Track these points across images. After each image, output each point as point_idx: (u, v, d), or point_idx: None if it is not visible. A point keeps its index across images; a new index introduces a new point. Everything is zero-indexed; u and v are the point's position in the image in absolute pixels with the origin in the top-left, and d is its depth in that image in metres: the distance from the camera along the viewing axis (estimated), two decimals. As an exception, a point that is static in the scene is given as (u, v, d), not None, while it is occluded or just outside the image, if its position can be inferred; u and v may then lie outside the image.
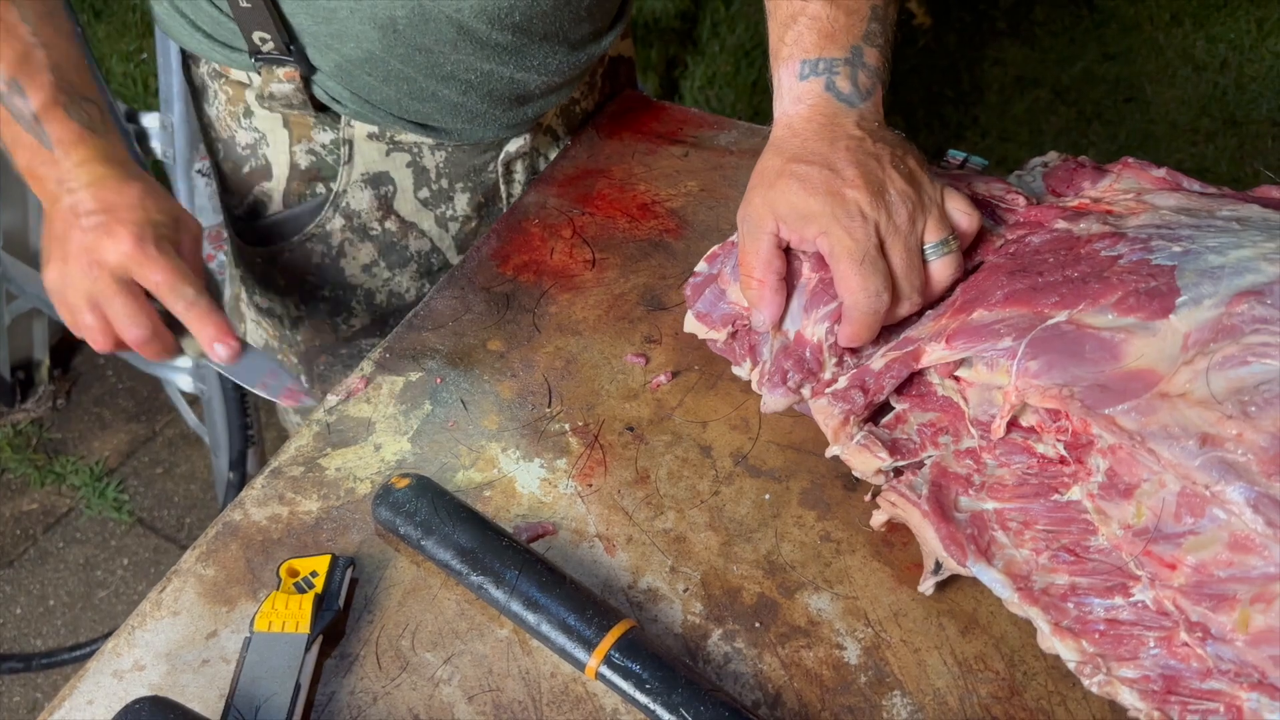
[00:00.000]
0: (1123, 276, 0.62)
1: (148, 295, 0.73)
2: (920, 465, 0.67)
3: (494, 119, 0.93)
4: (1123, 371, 0.59)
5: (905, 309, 0.69)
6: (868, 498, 0.70)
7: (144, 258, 0.71)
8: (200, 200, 1.47)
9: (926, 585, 0.65)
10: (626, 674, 0.60)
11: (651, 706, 0.59)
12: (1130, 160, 0.74)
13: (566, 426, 0.75)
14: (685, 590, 0.67)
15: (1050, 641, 0.58)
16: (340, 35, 0.83)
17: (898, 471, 0.67)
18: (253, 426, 1.63)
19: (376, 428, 0.75)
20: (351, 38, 0.83)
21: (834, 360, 0.70)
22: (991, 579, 0.61)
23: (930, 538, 0.63)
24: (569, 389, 0.78)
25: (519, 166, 0.99)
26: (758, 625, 0.65)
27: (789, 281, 0.72)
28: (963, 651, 0.63)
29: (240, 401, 1.59)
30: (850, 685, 0.62)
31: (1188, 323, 0.59)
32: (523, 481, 0.72)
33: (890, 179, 0.68)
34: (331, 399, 0.77)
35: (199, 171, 1.46)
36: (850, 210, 0.67)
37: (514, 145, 0.97)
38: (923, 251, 0.69)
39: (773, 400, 0.71)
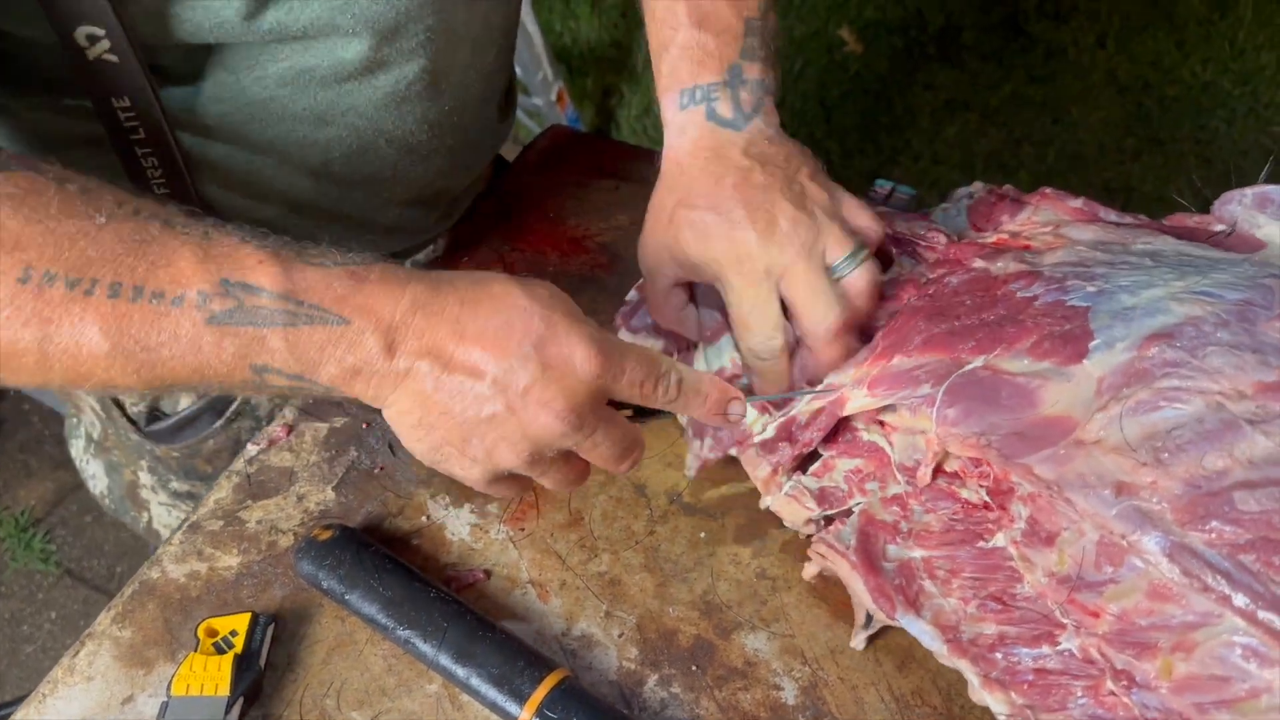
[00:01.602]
0: (1038, 319, 0.62)
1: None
2: (849, 513, 0.66)
3: (416, 233, 0.90)
4: (1039, 418, 0.59)
5: (824, 332, 0.66)
6: (802, 535, 0.70)
7: (610, 378, 0.55)
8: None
9: (858, 640, 0.64)
10: (560, 726, 0.58)
11: (586, 759, 0.57)
12: (1048, 191, 0.74)
13: (497, 469, 0.74)
14: (620, 635, 0.65)
15: (980, 694, 0.58)
16: (261, 197, 0.77)
17: (828, 520, 0.67)
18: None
19: (299, 477, 0.73)
20: (274, 197, 0.77)
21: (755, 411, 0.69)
22: (920, 630, 0.60)
23: (859, 590, 0.62)
24: (499, 430, 0.76)
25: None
26: (694, 668, 0.64)
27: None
28: (900, 687, 0.63)
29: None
30: (789, 727, 0.61)
31: (1101, 367, 0.59)
32: (452, 528, 0.70)
33: (780, 211, 0.65)
34: (251, 448, 0.75)
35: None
36: (741, 254, 0.65)
37: (422, 254, 0.94)
38: (830, 272, 0.66)
39: (697, 452, 0.70)
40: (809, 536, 0.68)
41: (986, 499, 0.62)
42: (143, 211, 0.52)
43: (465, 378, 0.53)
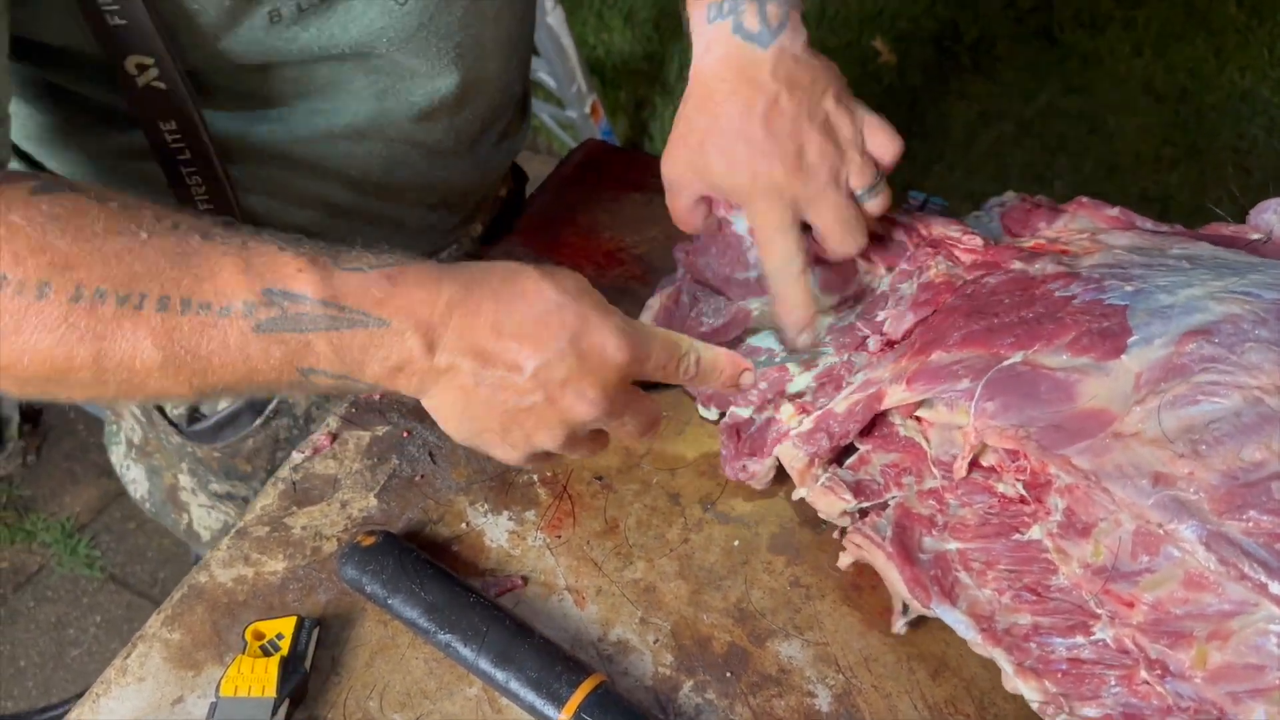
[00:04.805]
0: (1076, 317, 0.63)
1: None
2: (884, 506, 0.67)
3: (444, 232, 0.92)
4: (1077, 412, 0.59)
5: (852, 254, 0.72)
6: (835, 535, 0.70)
7: (639, 364, 0.57)
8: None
9: (898, 626, 0.65)
10: (597, 730, 0.59)
11: (623, 763, 0.58)
12: (1085, 200, 0.75)
13: (534, 478, 0.75)
14: (656, 641, 0.66)
15: (1014, 682, 0.58)
16: (301, 203, 0.79)
17: (863, 513, 0.68)
18: (226, 479, 1.62)
19: (343, 484, 0.75)
20: (312, 204, 0.79)
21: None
22: (955, 620, 0.61)
23: (895, 579, 0.63)
24: (537, 439, 0.78)
25: None
26: (729, 675, 0.64)
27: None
28: (933, 696, 0.63)
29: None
30: (822, 734, 0.62)
31: (1139, 362, 0.59)
32: (491, 535, 0.72)
33: (808, 140, 0.68)
34: (297, 456, 0.76)
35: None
36: (768, 185, 0.69)
37: (445, 253, 0.96)
38: (855, 198, 0.70)
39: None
40: (842, 536, 0.69)
41: (1023, 492, 0.63)
42: (181, 225, 0.54)
43: (505, 372, 0.55)
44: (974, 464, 0.65)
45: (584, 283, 0.58)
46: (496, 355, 0.55)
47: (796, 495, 0.70)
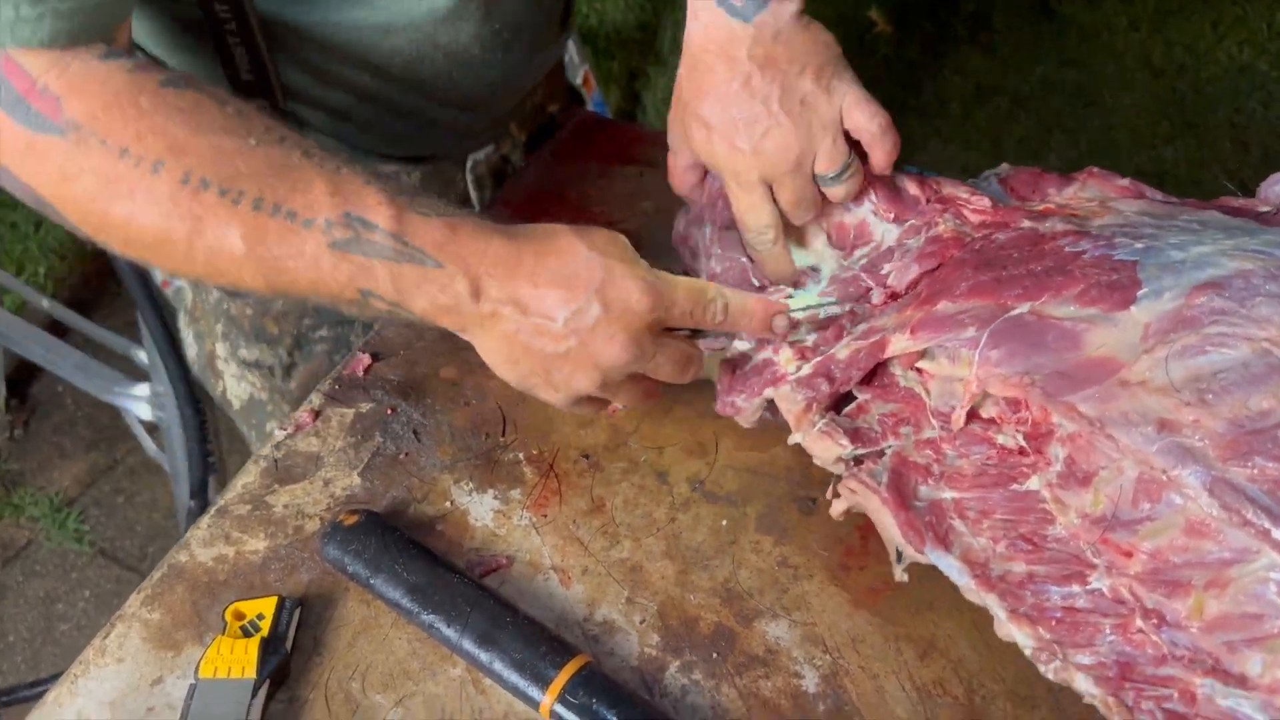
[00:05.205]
0: (1085, 270, 0.63)
1: None
2: (880, 454, 0.67)
3: (475, 133, 0.95)
4: (1084, 360, 0.59)
5: (803, 226, 0.75)
6: (830, 495, 0.69)
7: (663, 310, 0.62)
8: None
9: (898, 573, 0.64)
10: (582, 711, 0.59)
11: (608, 745, 0.58)
12: (1095, 170, 0.74)
13: (521, 455, 0.74)
14: (642, 621, 0.65)
15: (1007, 628, 0.58)
16: (333, 85, 0.83)
17: (858, 461, 0.67)
18: (214, 454, 1.61)
19: (325, 462, 0.74)
20: (344, 87, 0.83)
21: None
22: (948, 565, 0.60)
23: (889, 524, 0.62)
24: (523, 417, 0.77)
25: (485, 172, 1.01)
26: (715, 655, 0.64)
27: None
28: (921, 677, 0.63)
29: (200, 428, 1.56)
30: (809, 716, 0.61)
31: (1148, 314, 0.59)
32: (476, 514, 0.71)
33: (775, 123, 0.69)
34: (279, 433, 0.75)
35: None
36: (737, 165, 0.71)
37: (482, 153, 0.99)
38: (817, 181, 0.72)
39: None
40: (833, 488, 0.68)
41: (1022, 444, 0.62)
42: (287, 140, 0.61)
43: (542, 320, 0.61)
44: (973, 415, 0.65)
45: (614, 237, 0.64)
46: (533, 304, 0.61)
47: (792, 440, 0.69)
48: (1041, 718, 0.61)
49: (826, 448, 0.67)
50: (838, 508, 0.67)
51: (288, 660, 0.63)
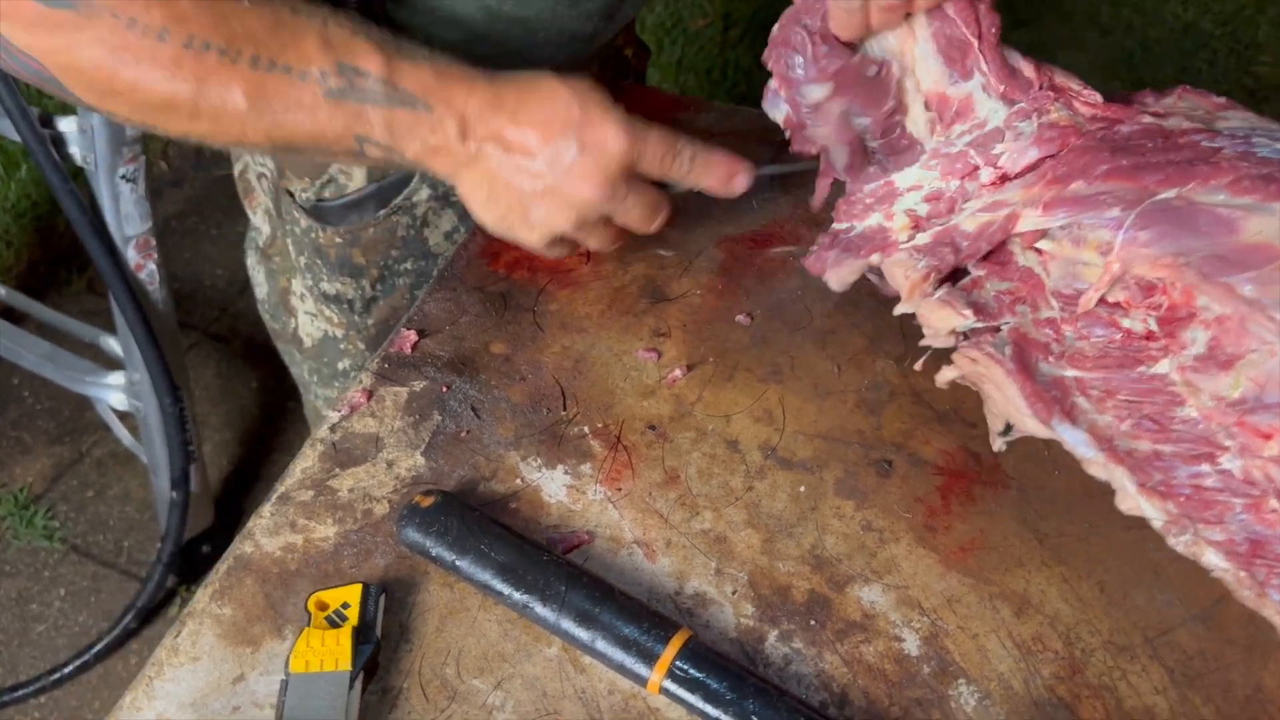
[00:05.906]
0: (1233, 162, 0.62)
1: None
2: (995, 330, 0.66)
3: (573, 69, 0.92)
4: (1241, 245, 0.59)
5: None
6: (938, 375, 0.68)
7: (636, 154, 0.67)
8: (126, 208, 1.38)
9: (998, 445, 0.64)
10: (694, 686, 0.57)
11: (723, 718, 0.57)
12: (1187, 86, 0.73)
13: (586, 429, 0.72)
14: (734, 592, 0.64)
15: (1135, 500, 0.58)
16: (441, 24, 0.80)
17: (965, 336, 0.66)
18: (193, 442, 1.55)
19: (386, 443, 0.71)
20: (451, 24, 0.80)
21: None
22: (1076, 439, 0.60)
23: (1013, 394, 0.62)
24: (582, 389, 0.75)
25: None
26: (813, 623, 0.63)
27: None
28: (1020, 634, 0.63)
29: (179, 416, 1.51)
30: (915, 678, 0.61)
31: None
32: (549, 490, 0.69)
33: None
34: (334, 415, 0.72)
35: (123, 177, 1.37)
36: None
37: None
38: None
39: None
40: (951, 355, 0.67)
41: (1152, 328, 0.62)
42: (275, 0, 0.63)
43: (522, 157, 0.66)
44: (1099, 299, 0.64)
45: (596, 86, 0.67)
46: (514, 142, 0.66)
47: (899, 310, 0.68)
48: (1140, 667, 0.61)
49: (945, 317, 0.66)
50: (946, 374, 0.67)
51: (378, 649, 0.60)
